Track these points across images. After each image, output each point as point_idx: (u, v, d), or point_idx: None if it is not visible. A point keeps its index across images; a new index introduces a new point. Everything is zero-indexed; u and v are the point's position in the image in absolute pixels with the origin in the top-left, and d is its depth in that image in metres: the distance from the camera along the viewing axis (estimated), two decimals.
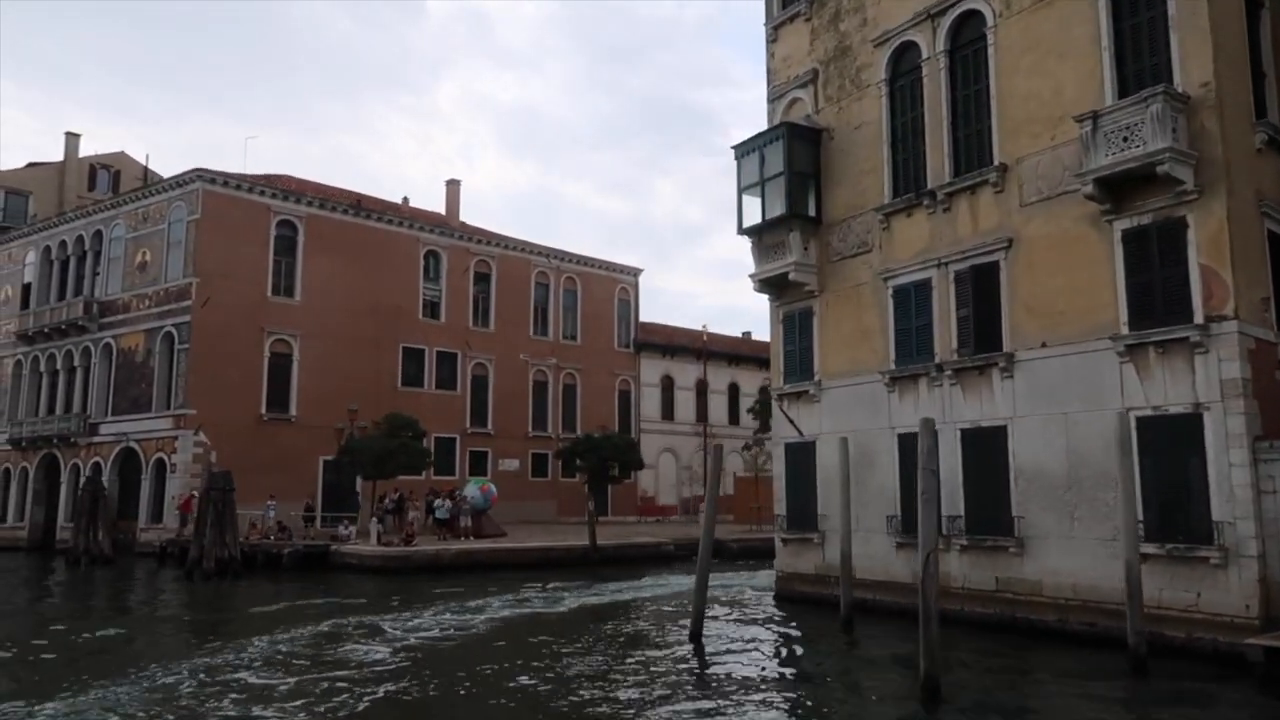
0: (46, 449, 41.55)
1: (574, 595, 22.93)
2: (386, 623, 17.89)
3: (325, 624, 17.69)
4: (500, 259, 47.61)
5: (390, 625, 17.60)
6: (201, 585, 25.81)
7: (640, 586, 25.80)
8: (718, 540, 35.71)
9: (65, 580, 29.54)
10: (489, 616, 18.91)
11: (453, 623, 17.93)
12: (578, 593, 23.58)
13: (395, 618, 18.66)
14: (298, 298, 40.06)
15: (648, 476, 51.39)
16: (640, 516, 49.84)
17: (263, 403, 38.52)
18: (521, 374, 47.71)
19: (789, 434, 20.05)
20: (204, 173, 37.74)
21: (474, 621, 18.15)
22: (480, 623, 18.05)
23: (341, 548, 29.64)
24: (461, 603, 21.17)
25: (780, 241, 19.80)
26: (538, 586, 24.95)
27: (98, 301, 40.75)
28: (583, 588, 24.90)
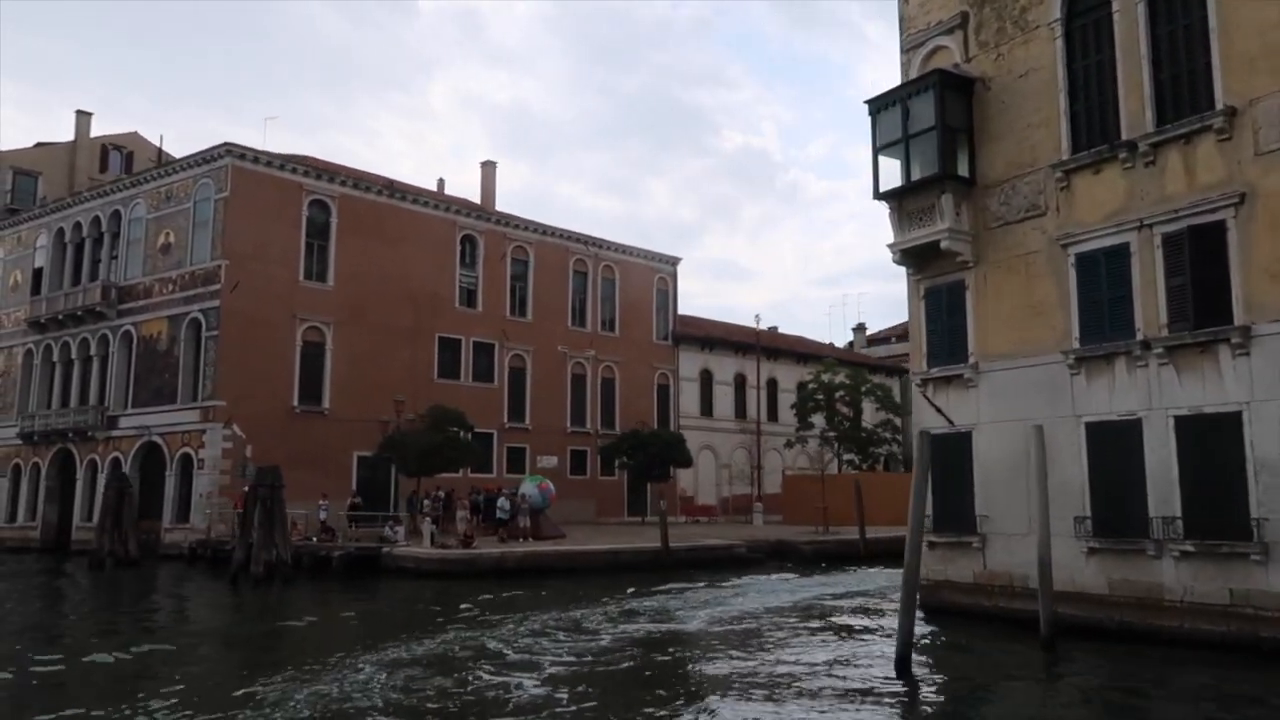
0: (60, 444, 38.98)
1: (685, 606, 20.54)
2: (495, 640, 15.50)
3: (432, 642, 15.27)
4: (537, 245, 45.20)
5: (502, 643, 15.20)
6: (249, 591, 23.39)
7: (742, 591, 23.46)
8: (787, 543, 33.68)
9: (90, 585, 27.08)
10: (614, 632, 16.50)
11: (578, 645, 15.51)
12: (684, 601, 21.20)
13: (497, 632, 16.28)
14: (330, 283, 37.60)
15: (686, 475, 48.96)
16: (687, 517, 47.47)
17: (294, 394, 36.05)
18: (559, 366, 45.32)
19: (934, 424, 17.73)
20: (234, 147, 35.25)
21: (600, 641, 15.73)
22: (609, 642, 15.64)
23: (393, 550, 27.21)
24: (558, 612, 18.78)
25: (928, 206, 17.49)
26: (625, 593, 22.60)
27: (116, 286, 38.20)
28: (681, 594, 22.54)
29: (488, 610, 19.37)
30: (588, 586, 24.43)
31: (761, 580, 26.69)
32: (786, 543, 32.97)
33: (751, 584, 25.63)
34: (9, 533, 40.30)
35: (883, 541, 33.90)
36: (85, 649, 15.03)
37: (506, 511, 29.53)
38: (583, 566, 27.21)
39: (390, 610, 21.29)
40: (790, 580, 27.09)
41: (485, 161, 46.06)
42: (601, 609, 19.68)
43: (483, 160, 46.20)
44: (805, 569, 30.44)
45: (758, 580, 26.62)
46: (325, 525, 29.46)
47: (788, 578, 27.99)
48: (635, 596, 22.13)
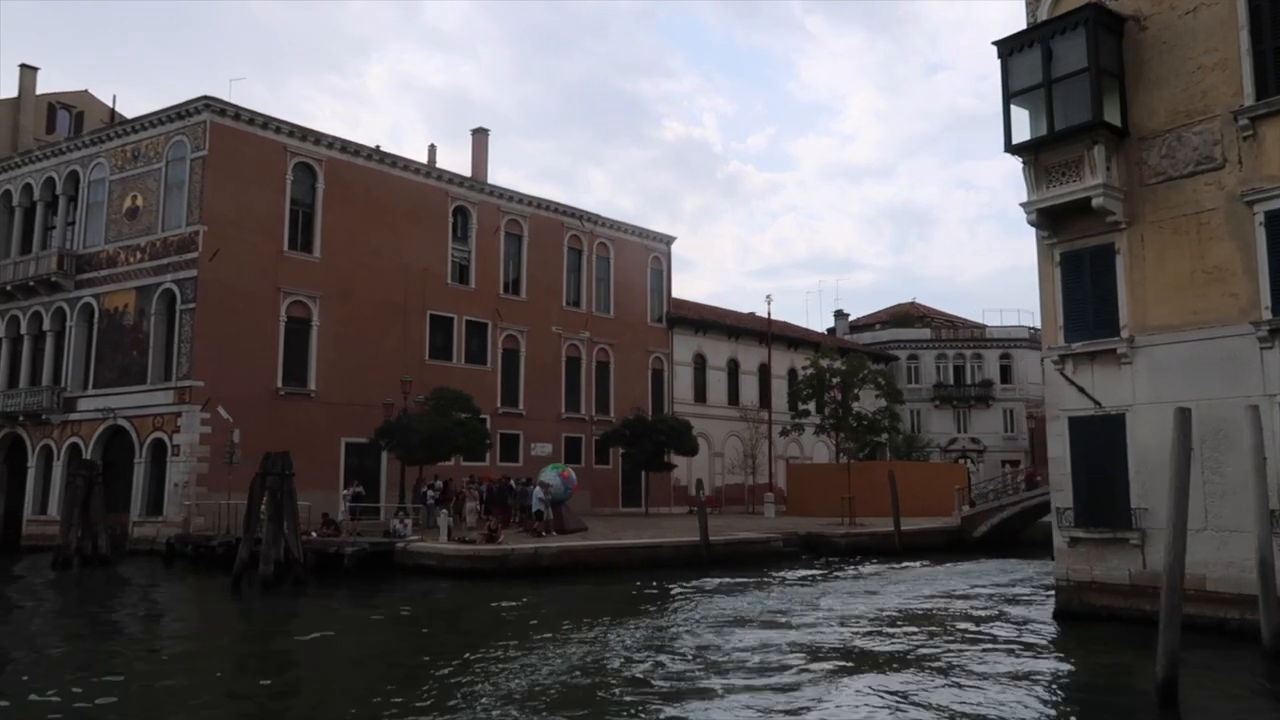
0: (8, 428, 35.20)
1: (751, 607, 18.34)
2: (691, 642, 13.10)
3: (618, 652, 12.80)
4: (532, 219, 42.48)
5: (705, 654, 12.81)
6: (258, 596, 20.52)
7: (813, 587, 21.33)
8: (819, 536, 31.71)
9: (57, 589, 23.83)
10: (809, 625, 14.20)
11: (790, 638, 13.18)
12: (751, 604, 18.99)
13: (677, 642, 13.87)
14: (317, 254, 34.48)
15: (680, 464, 46.80)
16: (691, 507, 45.19)
17: (278, 375, 32.91)
18: (554, 348, 42.73)
19: (1075, 406, 15.77)
20: (213, 101, 31.90)
21: (726, 657, 13.43)
22: (733, 653, 13.34)
23: (409, 546, 24.48)
24: (611, 623, 16.38)
25: (1074, 159, 15.48)
26: (683, 593, 20.34)
27: (74, 255, 34.52)
28: (744, 593, 20.35)
29: (586, 618, 16.85)
30: (640, 584, 22.16)
31: (839, 575, 24.68)
32: (818, 535, 31.04)
33: (828, 580, 23.57)
34: None
35: (913, 535, 32.27)
36: (76, 681, 12.09)
37: (542, 502, 26.91)
38: (620, 563, 24.85)
39: (449, 617, 18.66)
40: (878, 575, 25.22)
41: (476, 129, 43.20)
42: (700, 609, 17.42)
43: (474, 128, 43.31)
44: (840, 563, 28.55)
45: (817, 575, 24.59)
46: (327, 519, 26.56)
47: (870, 571, 26.07)
48: (720, 595, 19.92)
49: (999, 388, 63.77)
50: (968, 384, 63.72)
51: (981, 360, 64.24)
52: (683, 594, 20.60)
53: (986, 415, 63.41)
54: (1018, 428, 63.21)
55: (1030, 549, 34.72)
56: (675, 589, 21.52)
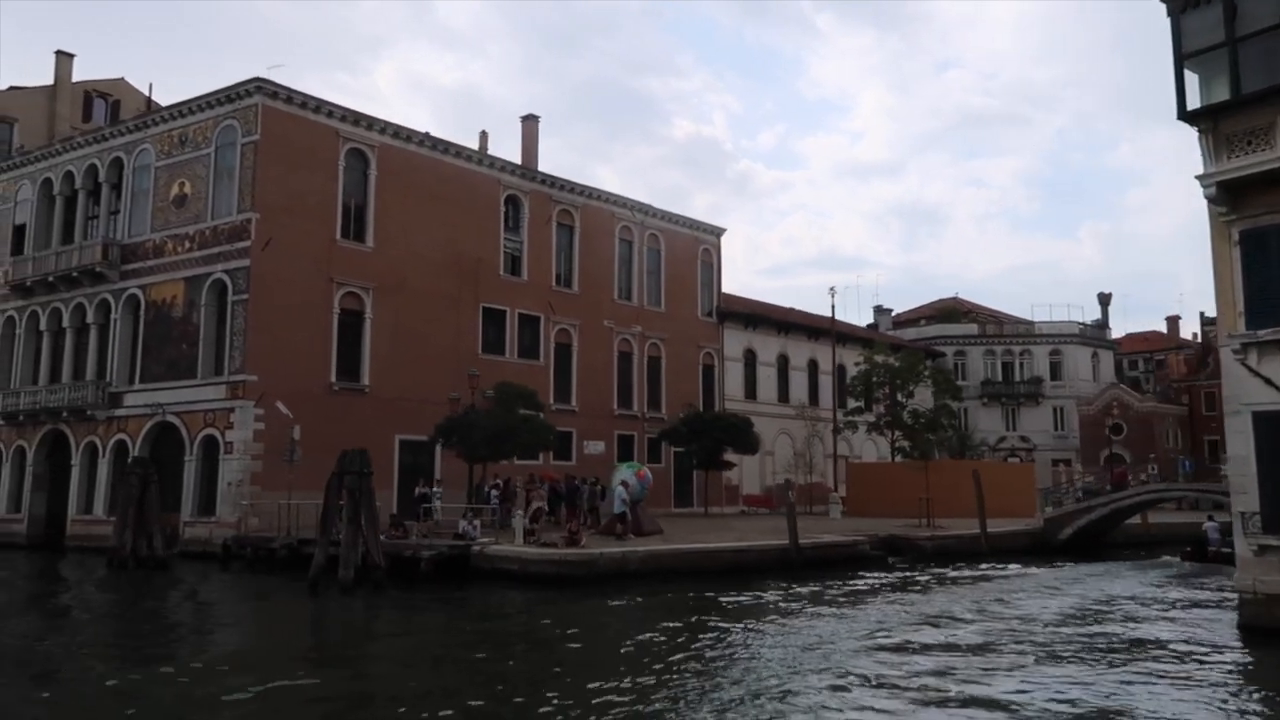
0: (51, 424, 33.98)
1: (894, 619, 16.91)
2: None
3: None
4: (584, 209, 41.08)
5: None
6: (336, 600, 19.19)
7: (924, 595, 19.89)
8: (902, 538, 30.23)
9: (116, 591, 22.60)
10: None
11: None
12: (891, 616, 17.56)
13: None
14: (370, 244, 33.15)
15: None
16: (745, 507, 43.92)
17: (332, 370, 31.60)
18: (605, 343, 41.33)
19: (1261, 400, 14.28)
20: (265, 84, 30.58)
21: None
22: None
23: (487, 550, 23.09)
24: (759, 633, 15.00)
25: (1264, 126, 13.99)
26: (799, 601, 18.93)
27: (119, 244, 33.26)
28: (866, 602, 18.92)
29: (727, 630, 15.48)
30: (744, 590, 20.79)
31: (949, 581, 23.22)
32: (901, 538, 29.55)
33: (941, 588, 22.12)
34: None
35: (998, 537, 30.77)
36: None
37: (625, 503, 25.48)
38: (707, 567, 23.43)
39: (557, 626, 17.26)
40: (987, 580, 23.78)
41: (526, 116, 41.76)
42: (845, 622, 16.01)
43: (523, 115, 41.93)
44: (928, 567, 27.08)
45: (918, 580, 23.14)
46: (396, 520, 25.21)
47: (970, 575, 24.63)
48: (837, 604, 18.49)
49: (1049, 385, 62.17)
50: (1016, 381, 62.14)
51: (1030, 356, 62.64)
52: (800, 602, 19.22)
53: (1036, 413, 61.81)
54: (1068, 426, 61.57)
55: (1117, 551, 33.26)
56: (787, 596, 20.16)
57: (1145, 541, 34.52)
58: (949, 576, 24.88)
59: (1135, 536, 34.53)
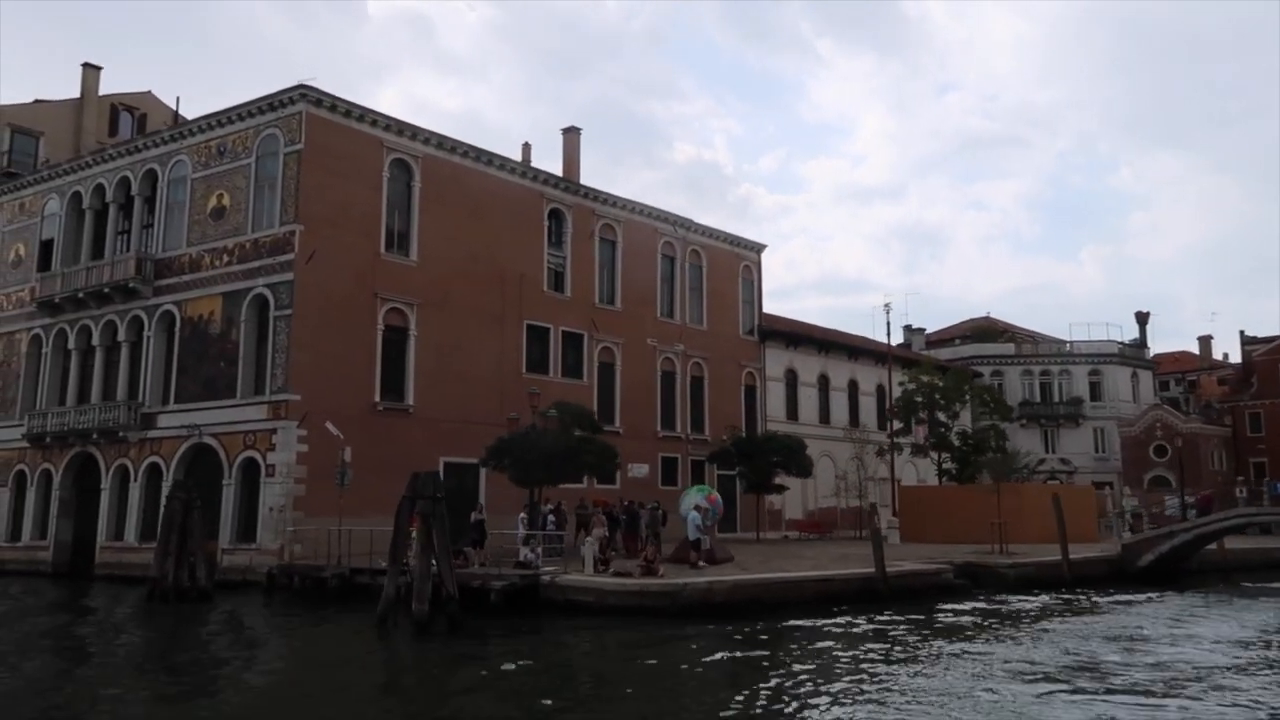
0: (80, 447, 32.53)
1: (1052, 662, 15.36)
2: None
3: None
4: (626, 224, 39.84)
5: None
6: (411, 639, 17.64)
7: (1052, 628, 18.29)
8: (981, 565, 28.65)
9: (158, 627, 21.04)
10: None
11: None
12: (1047, 658, 16.00)
13: None
14: (414, 258, 31.88)
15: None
16: (789, 533, 42.33)
17: (376, 389, 30.20)
18: (649, 362, 39.96)
19: None
20: (309, 90, 29.40)
21: None
22: None
23: (558, 580, 21.56)
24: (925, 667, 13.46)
25: None
26: (946, 632, 17.39)
27: (153, 259, 31.96)
28: (994, 637, 17.35)
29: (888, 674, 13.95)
30: (844, 623, 19.26)
31: (1065, 613, 21.67)
32: (979, 565, 27.95)
33: (1059, 619, 20.56)
34: (11, 553, 33.65)
35: (1077, 564, 29.15)
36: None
37: (700, 530, 23.97)
38: (793, 598, 21.87)
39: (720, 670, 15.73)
40: (1101, 611, 22.26)
41: (568, 128, 40.65)
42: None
43: (564, 127, 40.78)
44: (1005, 595, 25.51)
45: (1027, 612, 21.58)
46: (455, 548, 23.63)
47: (1068, 605, 23.04)
48: (971, 640, 16.94)
49: (1089, 405, 60.67)
50: (1056, 401, 60.64)
51: (1070, 377, 61.18)
52: (929, 635, 17.65)
53: (1076, 434, 60.27)
54: (1109, 447, 60.02)
55: (1199, 579, 31.64)
56: (916, 628, 18.63)
57: (1223, 568, 32.92)
58: (1061, 606, 23.35)
59: (1213, 563, 32.92)
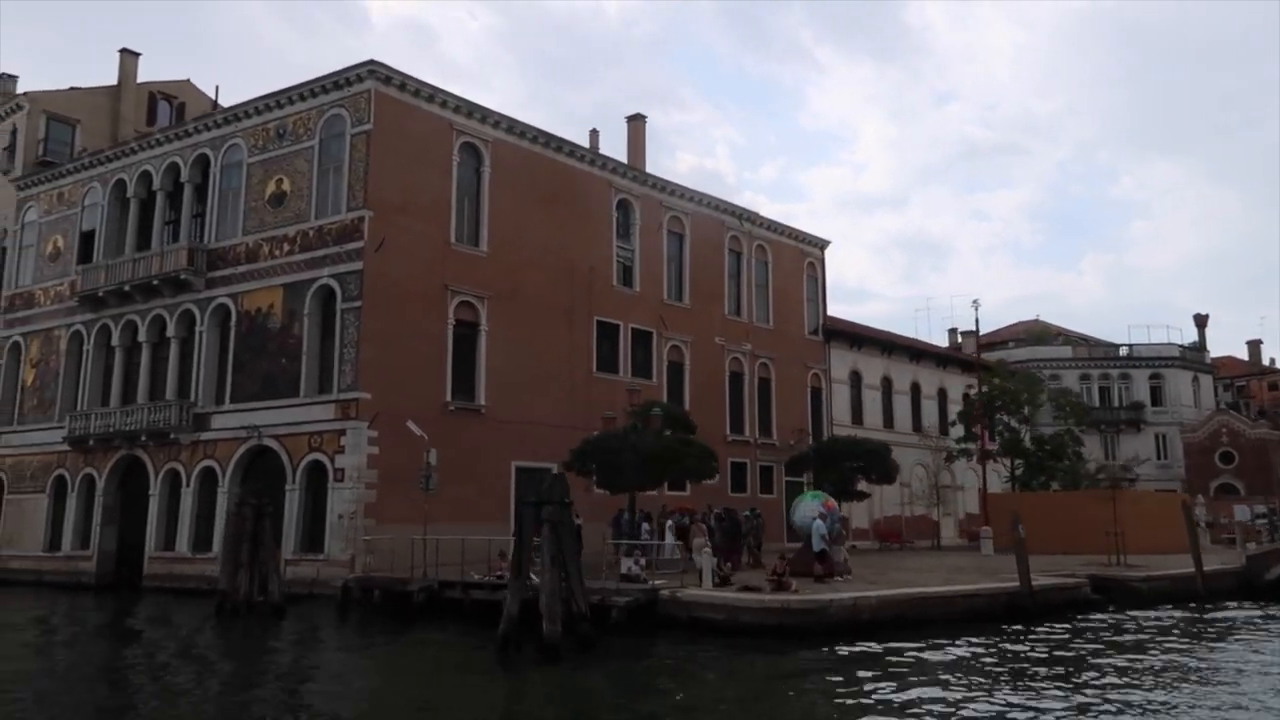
0: (126, 450, 30.48)
1: None
2: None
3: None
4: (693, 217, 37.82)
5: None
6: (538, 665, 15.52)
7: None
8: (1109, 579, 26.50)
9: (240, 647, 18.95)
10: None
11: None
12: None
13: None
14: (484, 248, 29.86)
15: None
16: (884, 542, 40.24)
17: (447, 387, 28.15)
18: (717, 362, 37.89)
19: None
20: (378, 67, 27.44)
21: None
22: None
23: (678, 595, 19.44)
24: None
25: None
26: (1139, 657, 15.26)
27: (205, 249, 29.96)
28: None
29: None
30: (1015, 639, 17.15)
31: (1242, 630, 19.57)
32: (1108, 578, 25.81)
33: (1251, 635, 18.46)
34: (52, 564, 31.57)
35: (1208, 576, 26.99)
36: None
37: (826, 540, 21.87)
38: (937, 615, 19.76)
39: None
40: None
41: (632, 116, 38.69)
42: None
43: (629, 115, 38.81)
44: (1141, 609, 23.37)
45: (1201, 629, 19.48)
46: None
47: (1231, 618, 20.95)
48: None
49: (1150, 410, 58.52)
50: (1116, 406, 58.49)
51: (1130, 381, 59.07)
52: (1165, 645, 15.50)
53: (1137, 440, 58.05)
54: (1172, 454, 57.83)
55: None
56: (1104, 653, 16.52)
57: None
58: (1232, 620, 21.24)
59: None
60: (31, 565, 31.99)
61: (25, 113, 37.45)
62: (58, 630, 22.63)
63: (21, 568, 32.12)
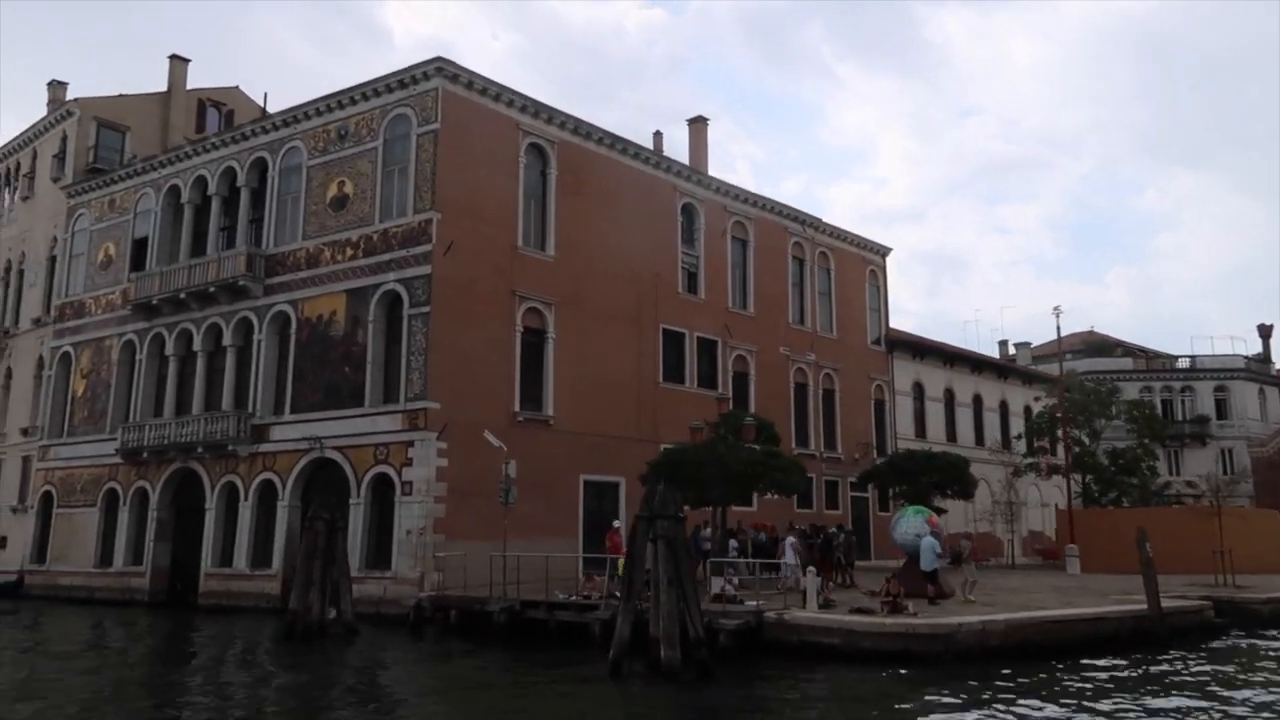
0: (181, 462, 29.47)
1: None
2: None
3: None
4: (757, 222, 36.60)
5: None
6: (641, 688, 14.22)
7: None
8: (1227, 601, 24.88)
9: (327, 671, 17.75)
10: None
11: None
12: None
13: None
14: (550, 252, 28.73)
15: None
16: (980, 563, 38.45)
17: (515, 397, 26.98)
18: (781, 372, 36.53)
19: None
20: (445, 65, 26.44)
21: None
22: None
23: (785, 618, 18.08)
24: None
25: None
26: None
27: (263, 254, 29.01)
28: None
29: None
30: (1164, 668, 15.66)
31: None
32: (1224, 600, 24.18)
33: None
34: (103, 580, 30.58)
35: None
36: None
37: (940, 559, 20.48)
38: (1066, 640, 18.26)
39: None
40: None
41: (694, 119, 37.60)
42: None
43: (690, 117, 37.69)
44: (1264, 632, 21.76)
45: None
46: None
47: None
48: None
49: (1214, 424, 56.54)
50: (1179, 420, 56.55)
51: (1193, 393, 57.14)
52: None
53: (1201, 455, 55.98)
54: (1238, 468, 55.71)
55: None
56: None
57: None
58: None
59: None
60: (82, 581, 31.03)
61: (76, 119, 36.78)
62: (123, 650, 21.55)
63: (72, 584, 31.17)
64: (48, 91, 39.57)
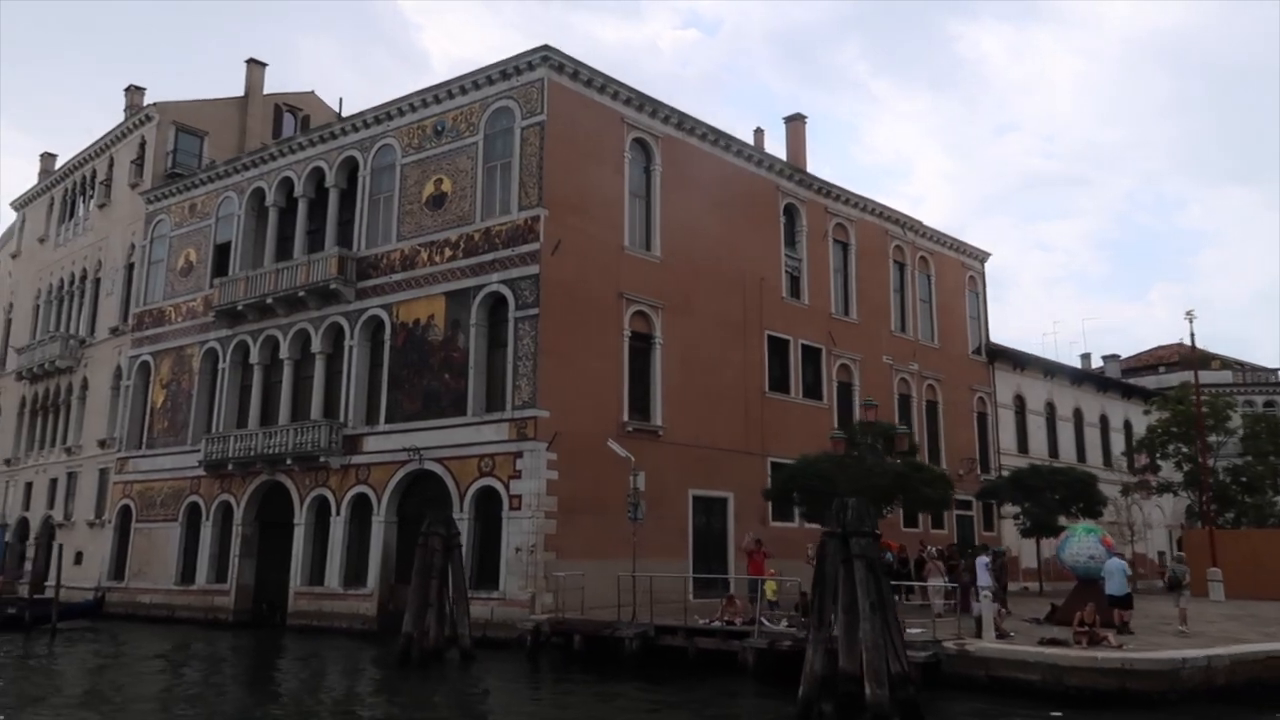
0: (267, 475, 28.10)
1: None
2: None
3: None
4: (859, 225, 34.72)
5: None
6: None
7: None
8: None
9: (456, 697, 16.08)
10: None
11: None
12: None
13: None
14: (656, 253, 27.08)
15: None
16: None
17: (624, 405, 25.27)
18: (885, 382, 34.45)
19: None
20: (551, 54, 24.97)
21: None
22: None
23: (971, 650, 16.07)
24: None
25: None
26: None
27: (355, 257, 27.67)
28: None
29: None
30: None
31: None
32: None
33: None
34: (185, 598, 29.29)
35: None
36: None
37: (1131, 581, 18.38)
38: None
39: None
40: None
41: (791, 117, 35.84)
42: None
43: (787, 115, 35.97)
44: None
45: None
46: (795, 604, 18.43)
47: None
48: None
49: None
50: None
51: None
52: None
53: None
54: None
55: None
56: None
57: None
58: None
59: None
60: (162, 599, 29.79)
61: (155, 124, 35.95)
62: (217, 670, 20.05)
63: (152, 602, 29.95)
64: (125, 97, 38.88)
